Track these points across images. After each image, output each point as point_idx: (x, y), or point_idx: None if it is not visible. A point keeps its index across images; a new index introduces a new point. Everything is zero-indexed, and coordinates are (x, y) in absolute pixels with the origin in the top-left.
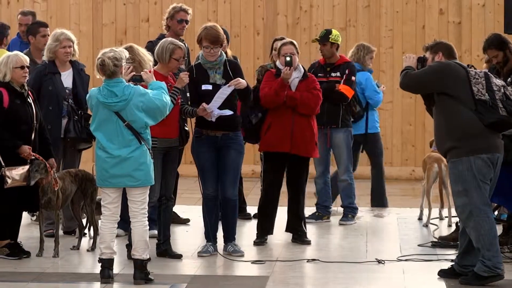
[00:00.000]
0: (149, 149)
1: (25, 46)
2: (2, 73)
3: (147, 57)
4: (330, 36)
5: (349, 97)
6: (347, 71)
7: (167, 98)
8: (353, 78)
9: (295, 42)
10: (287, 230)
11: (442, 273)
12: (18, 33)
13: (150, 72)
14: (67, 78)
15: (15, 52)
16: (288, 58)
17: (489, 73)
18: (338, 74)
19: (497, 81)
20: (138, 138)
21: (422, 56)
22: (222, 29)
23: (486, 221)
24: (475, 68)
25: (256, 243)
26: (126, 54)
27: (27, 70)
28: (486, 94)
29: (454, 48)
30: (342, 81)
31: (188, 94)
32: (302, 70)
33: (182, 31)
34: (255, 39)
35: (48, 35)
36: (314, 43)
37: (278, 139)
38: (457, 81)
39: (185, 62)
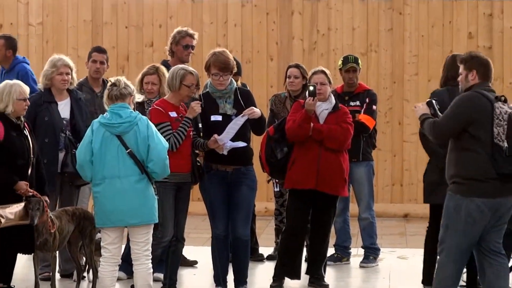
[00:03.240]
0: (152, 183)
1: (6, 75)
2: (3, 103)
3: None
4: (359, 61)
5: (370, 127)
6: (367, 100)
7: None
8: (374, 107)
9: (326, 71)
10: (307, 272)
11: None
12: None
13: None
14: (64, 108)
15: (17, 82)
16: (311, 88)
17: None
18: (357, 103)
19: None
20: (141, 168)
21: (429, 100)
22: (235, 60)
23: (450, 267)
24: (505, 101)
25: (273, 287)
26: (140, 97)
27: (29, 102)
28: (505, 141)
29: (490, 65)
30: (363, 110)
31: (200, 125)
32: (333, 102)
33: (188, 57)
34: (269, 65)
35: (102, 62)
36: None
37: (303, 175)
38: (480, 120)
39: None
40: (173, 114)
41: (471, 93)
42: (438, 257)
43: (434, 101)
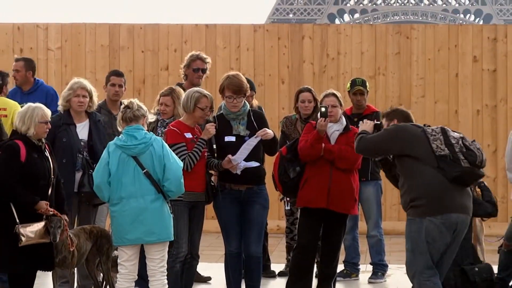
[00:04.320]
0: (167, 202)
1: (25, 97)
2: (25, 126)
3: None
4: (366, 84)
5: None
6: (375, 121)
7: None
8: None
9: (338, 94)
10: None
11: None
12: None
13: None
14: (82, 129)
15: (39, 105)
16: (323, 109)
17: (445, 127)
18: None
19: (455, 134)
20: (157, 188)
21: (379, 122)
22: (248, 79)
23: (427, 285)
24: (429, 126)
25: None
26: (153, 118)
27: (50, 126)
28: (446, 148)
29: (411, 115)
30: None
31: (214, 146)
32: (344, 123)
33: (199, 80)
34: (280, 88)
35: (120, 85)
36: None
37: (314, 194)
38: (414, 140)
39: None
40: (188, 135)
41: (402, 123)
42: (411, 280)
43: (381, 125)
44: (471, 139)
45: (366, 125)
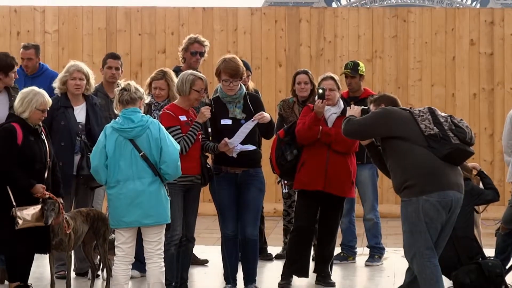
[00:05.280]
0: (164, 184)
1: (29, 81)
2: (22, 108)
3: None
4: (358, 68)
5: None
6: (363, 106)
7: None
8: None
9: (335, 77)
10: (314, 271)
11: None
12: (21, 65)
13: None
14: (80, 112)
15: (43, 92)
16: (320, 91)
17: (432, 107)
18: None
19: (442, 113)
20: (154, 170)
21: (367, 107)
22: (243, 61)
23: (428, 266)
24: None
25: (281, 285)
26: (147, 100)
27: (46, 114)
28: (435, 127)
29: (398, 101)
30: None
31: (209, 130)
32: (342, 106)
33: (196, 64)
34: (277, 71)
35: (117, 67)
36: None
37: (311, 177)
38: (402, 122)
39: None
40: (183, 118)
41: (389, 106)
42: (410, 262)
43: (369, 111)
44: (468, 122)
45: (353, 110)
